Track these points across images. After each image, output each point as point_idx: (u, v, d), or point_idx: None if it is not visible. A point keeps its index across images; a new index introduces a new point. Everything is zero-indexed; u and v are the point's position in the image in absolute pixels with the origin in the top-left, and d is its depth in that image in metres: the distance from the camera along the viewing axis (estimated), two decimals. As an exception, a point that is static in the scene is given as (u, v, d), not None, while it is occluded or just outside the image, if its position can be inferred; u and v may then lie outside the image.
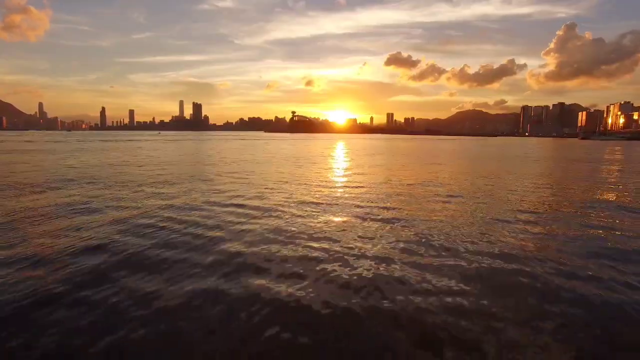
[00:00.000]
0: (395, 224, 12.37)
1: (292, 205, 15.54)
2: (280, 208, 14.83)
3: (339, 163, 39.63)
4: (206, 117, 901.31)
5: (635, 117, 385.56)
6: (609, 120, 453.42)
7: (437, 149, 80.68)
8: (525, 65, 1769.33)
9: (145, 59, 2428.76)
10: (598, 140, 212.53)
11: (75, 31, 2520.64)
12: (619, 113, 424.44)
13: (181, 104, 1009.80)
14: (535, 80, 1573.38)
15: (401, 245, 10.11)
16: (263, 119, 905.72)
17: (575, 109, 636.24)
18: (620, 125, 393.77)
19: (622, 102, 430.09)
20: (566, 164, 43.06)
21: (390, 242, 10.32)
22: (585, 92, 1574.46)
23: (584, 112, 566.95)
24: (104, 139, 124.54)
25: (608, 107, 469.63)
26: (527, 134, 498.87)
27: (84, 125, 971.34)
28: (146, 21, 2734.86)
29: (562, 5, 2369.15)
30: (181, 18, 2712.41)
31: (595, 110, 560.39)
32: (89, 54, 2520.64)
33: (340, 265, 8.53)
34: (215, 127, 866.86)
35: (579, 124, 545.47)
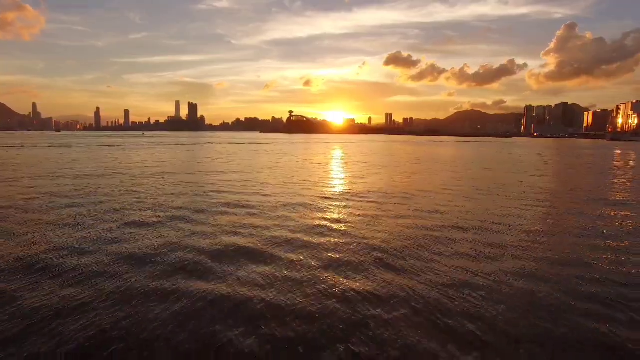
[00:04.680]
0: None
1: None
2: None
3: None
4: (202, 118, 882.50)
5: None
6: (619, 121, 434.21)
7: (496, 160, 60.69)
8: (525, 65, 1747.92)
9: (142, 59, 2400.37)
10: (634, 142, 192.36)
11: (71, 31, 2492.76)
12: (631, 112, 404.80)
13: (177, 104, 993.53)
14: (534, 80, 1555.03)
15: None
16: (260, 119, 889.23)
17: (575, 109, 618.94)
18: (634, 125, 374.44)
19: (634, 102, 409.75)
20: None
21: None
22: (583, 92, 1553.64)
23: (591, 112, 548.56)
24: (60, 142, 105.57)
25: (618, 107, 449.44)
26: (535, 134, 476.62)
27: (78, 126, 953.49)
28: (143, 21, 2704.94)
29: (558, 6, 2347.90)
30: (178, 18, 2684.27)
31: (602, 110, 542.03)
32: (85, 54, 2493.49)
33: None
34: (211, 128, 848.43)
35: (585, 124, 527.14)
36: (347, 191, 23.70)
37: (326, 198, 21.04)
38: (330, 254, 11.31)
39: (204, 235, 13.11)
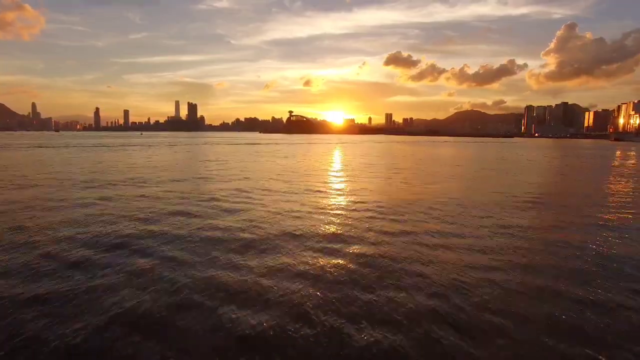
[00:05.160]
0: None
1: None
2: None
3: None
4: (202, 118, 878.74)
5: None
6: (620, 121, 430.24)
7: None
8: (525, 66, 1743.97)
9: (142, 59, 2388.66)
10: (635, 142, 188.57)
11: (71, 31, 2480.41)
12: (633, 112, 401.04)
13: (177, 104, 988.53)
14: (534, 80, 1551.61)
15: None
16: (260, 119, 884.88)
17: (575, 109, 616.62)
18: (636, 125, 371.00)
19: (636, 101, 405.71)
20: None
21: None
22: (583, 92, 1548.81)
23: (592, 112, 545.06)
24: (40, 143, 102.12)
25: (619, 107, 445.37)
26: (536, 135, 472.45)
27: (78, 126, 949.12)
28: (143, 21, 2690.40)
29: (558, 6, 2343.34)
30: (178, 18, 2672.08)
31: (603, 110, 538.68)
32: (85, 54, 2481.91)
33: None
34: (211, 128, 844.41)
35: (585, 124, 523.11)
36: (360, 202, 19.79)
37: (338, 214, 17.23)
38: (359, 324, 7.59)
39: (169, 287, 9.39)
